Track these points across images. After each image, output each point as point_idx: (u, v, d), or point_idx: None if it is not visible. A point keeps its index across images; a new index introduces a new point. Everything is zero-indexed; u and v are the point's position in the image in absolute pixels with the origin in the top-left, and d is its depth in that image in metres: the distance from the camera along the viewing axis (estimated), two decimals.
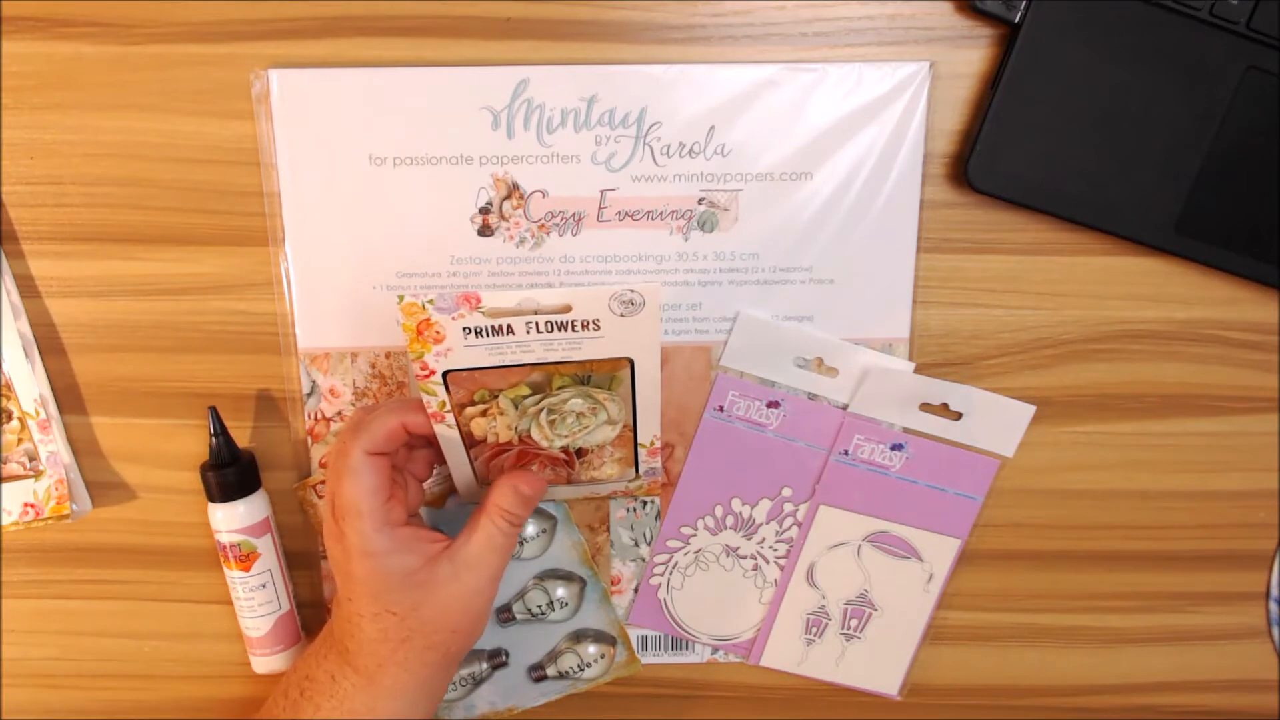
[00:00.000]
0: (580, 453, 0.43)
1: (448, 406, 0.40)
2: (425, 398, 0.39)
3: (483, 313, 0.36)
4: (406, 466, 0.43)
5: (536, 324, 0.37)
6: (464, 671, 0.50)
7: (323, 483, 0.48)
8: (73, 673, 0.51)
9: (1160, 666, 0.51)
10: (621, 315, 0.37)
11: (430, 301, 0.36)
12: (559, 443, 0.42)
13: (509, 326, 0.37)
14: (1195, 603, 0.50)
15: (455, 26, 0.43)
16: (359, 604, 0.40)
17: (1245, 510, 0.48)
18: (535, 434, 0.41)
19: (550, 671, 0.50)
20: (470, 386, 0.39)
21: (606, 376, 0.40)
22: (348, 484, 0.39)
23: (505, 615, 0.49)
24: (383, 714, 0.41)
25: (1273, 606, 0.50)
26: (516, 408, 0.40)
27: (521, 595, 0.49)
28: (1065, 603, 0.50)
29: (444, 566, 0.40)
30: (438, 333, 0.37)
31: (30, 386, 0.46)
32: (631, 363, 0.39)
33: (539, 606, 0.49)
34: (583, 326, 0.37)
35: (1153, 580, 0.50)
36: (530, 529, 0.49)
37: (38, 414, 0.47)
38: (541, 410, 0.40)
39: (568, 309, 0.37)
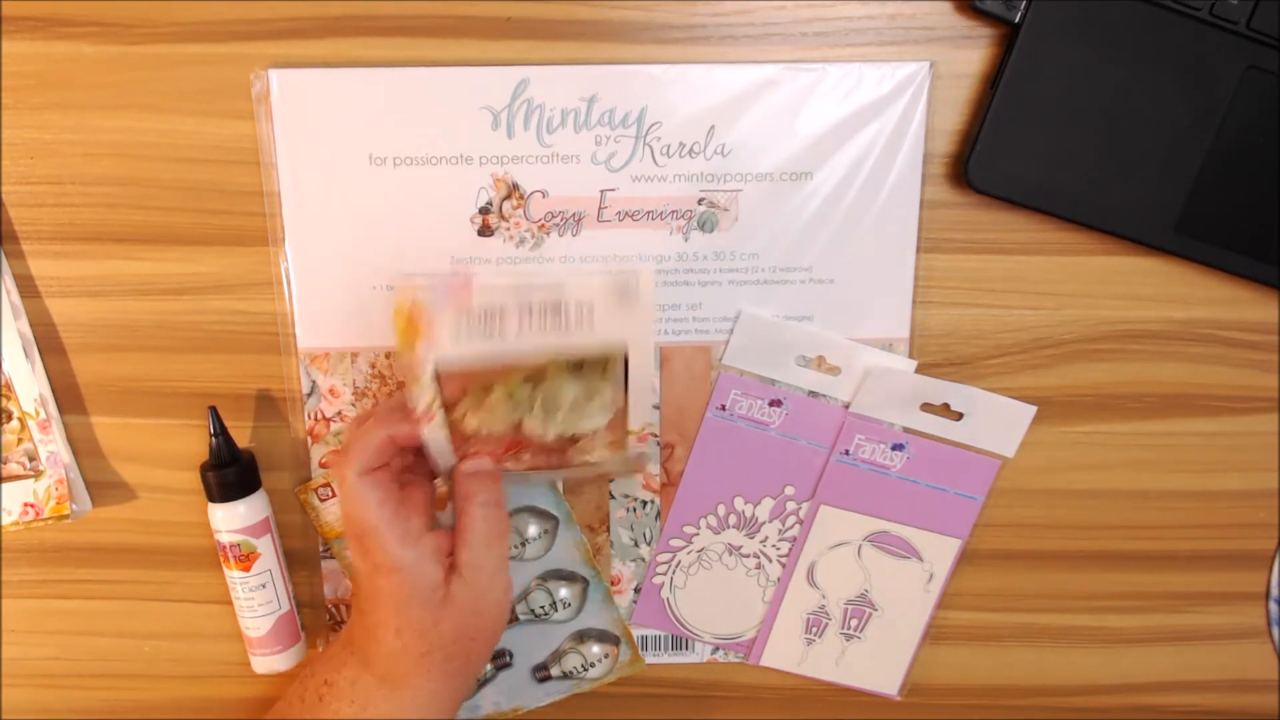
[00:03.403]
0: (573, 439, 0.42)
1: (437, 404, 0.39)
2: (415, 395, 0.39)
3: (476, 298, 0.36)
4: (415, 467, 0.42)
5: (530, 308, 0.37)
6: None
7: (324, 485, 0.48)
8: (73, 673, 0.51)
9: (1160, 666, 0.51)
10: (615, 302, 0.37)
11: (423, 289, 0.36)
12: (553, 432, 0.41)
13: (501, 313, 0.37)
14: (1195, 603, 0.50)
15: (455, 26, 0.42)
16: (380, 615, 0.40)
17: (1245, 510, 0.48)
18: (529, 425, 0.41)
19: (554, 671, 0.50)
20: (462, 383, 0.39)
21: (600, 362, 0.39)
22: (354, 509, 0.39)
23: (509, 616, 0.49)
24: (408, 715, 0.41)
25: (1273, 606, 0.50)
26: (511, 398, 0.40)
27: (524, 596, 0.49)
28: (1065, 603, 0.50)
29: (454, 579, 0.40)
30: (429, 322, 0.37)
31: (30, 386, 0.46)
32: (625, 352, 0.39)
33: (542, 607, 0.49)
34: (575, 314, 0.37)
35: (1152, 580, 0.50)
36: (532, 529, 0.49)
37: (38, 414, 0.46)
38: (536, 400, 0.40)
39: (560, 296, 0.37)
